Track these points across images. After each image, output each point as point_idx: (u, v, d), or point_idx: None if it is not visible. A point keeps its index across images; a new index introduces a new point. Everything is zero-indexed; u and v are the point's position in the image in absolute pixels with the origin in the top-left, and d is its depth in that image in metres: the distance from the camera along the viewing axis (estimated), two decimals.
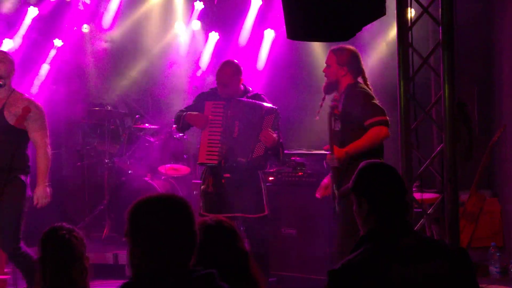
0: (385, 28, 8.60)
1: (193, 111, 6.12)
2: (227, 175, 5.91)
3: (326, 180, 5.65)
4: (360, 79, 5.46)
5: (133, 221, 2.56)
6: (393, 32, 8.60)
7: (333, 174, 5.30)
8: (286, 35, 4.04)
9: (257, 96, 6.08)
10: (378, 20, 4.13)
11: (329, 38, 4.29)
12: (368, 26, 4.17)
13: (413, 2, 4.65)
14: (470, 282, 2.99)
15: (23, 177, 5.73)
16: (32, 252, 5.53)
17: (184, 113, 6.12)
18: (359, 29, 4.03)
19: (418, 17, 4.66)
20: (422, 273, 2.86)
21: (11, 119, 5.68)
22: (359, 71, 5.47)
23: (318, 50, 9.00)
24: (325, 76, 5.48)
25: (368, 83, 5.49)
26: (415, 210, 4.89)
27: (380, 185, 3.09)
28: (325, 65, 5.48)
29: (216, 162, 5.94)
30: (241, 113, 5.94)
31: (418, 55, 4.65)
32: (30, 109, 5.73)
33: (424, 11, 4.66)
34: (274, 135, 5.86)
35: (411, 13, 4.64)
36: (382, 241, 2.96)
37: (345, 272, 2.90)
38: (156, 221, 2.51)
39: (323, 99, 5.56)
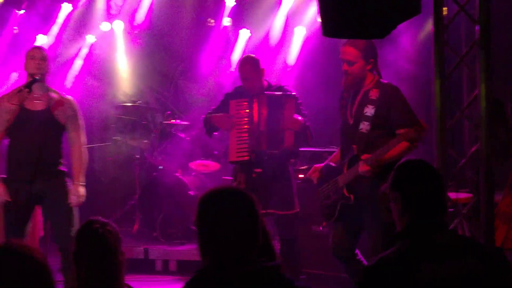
0: (416, 25, 8.54)
1: (221, 112, 6.18)
2: (259, 170, 5.94)
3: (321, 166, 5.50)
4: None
5: (201, 210, 2.57)
6: (423, 30, 8.57)
7: (348, 176, 5.09)
8: (321, 32, 4.03)
9: (280, 88, 6.12)
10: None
11: (364, 35, 4.27)
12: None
13: (449, 1, 4.62)
14: (507, 283, 2.96)
15: (63, 169, 5.83)
16: None
17: (210, 116, 6.20)
18: (394, 26, 4.00)
19: (454, 15, 4.62)
20: (456, 271, 2.85)
21: (58, 116, 5.76)
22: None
23: None
24: (347, 74, 5.11)
25: None
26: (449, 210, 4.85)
27: (415, 181, 3.10)
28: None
29: (247, 157, 5.98)
30: (265, 106, 5.99)
31: (453, 54, 4.61)
32: (63, 103, 5.82)
33: (460, 9, 4.61)
34: (300, 118, 5.88)
35: (447, 11, 4.59)
36: (416, 238, 2.96)
37: (379, 269, 2.90)
38: (223, 210, 2.53)
39: (344, 97, 5.29)
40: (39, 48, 6.04)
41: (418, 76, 8.00)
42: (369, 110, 5.01)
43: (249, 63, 6.14)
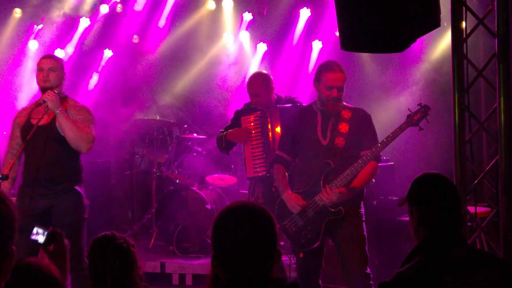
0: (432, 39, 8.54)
1: None
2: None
3: None
4: None
5: (216, 231, 2.48)
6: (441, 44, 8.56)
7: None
8: (340, 46, 4.04)
9: (290, 100, 6.14)
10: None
11: (383, 49, 4.28)
12: None
13: (468, 14, 4.60)
14: None
15: (78, 188, 5.46)
16: None
17: (224, 133, 6.23)
18: (413, 40, 4.01)
19: (473, 29, 4.61)
20: (475, 284, 2.84)
21: (59, 128, 5.36)
22: None
23: (366, 60, 8.99)
24: (337, 99, 5.14)
25: None
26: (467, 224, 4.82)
27: (432, 194, 3.10)
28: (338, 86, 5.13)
29: (265, 172, 5.99)
30: (277, 119, 6.00)
31: (472, 67, 4.60)
32: (67, 108, 5.43)
33: (479, 22, 4.61)
34: None
35: (466, 24, 4.58)
36: (434, 252, 2.94)
37: (397, 284, 2.88)
38: (239, 230, 2.43)
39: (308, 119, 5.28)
40: (49, 57, 5.64)
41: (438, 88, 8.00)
42: (343, 127, 5.13)
43: (259, 80, 6.17)
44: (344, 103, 5.25)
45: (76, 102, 5.66)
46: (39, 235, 3.10)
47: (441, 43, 8.52)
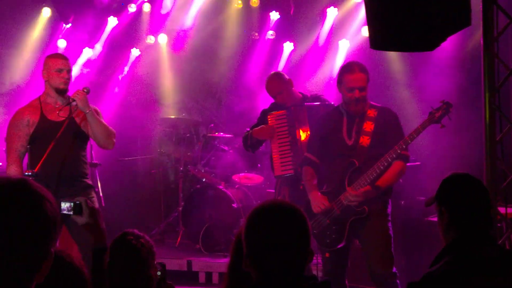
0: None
1: None
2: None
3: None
4: None
5: (250, 230, 2.47)
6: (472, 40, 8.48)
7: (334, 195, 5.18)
8: (369, 45, 4.02)
9: (317, 98, 6.14)
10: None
11: (413, 48, 4.25)
12: None
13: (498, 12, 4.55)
14: None
15: (90, 182, 5.60)
16: None
17: (251, 131, 6.26)
18: (443, 39, 3.98)
19: (504, 27, 4.56)
20: (504, 285, 2.81)
21: (81, 123, 5.44)
22: None
23: (394, 59, 8.93)
24: (360, 100, 5.16)
25: None
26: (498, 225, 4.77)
27: (462, 195, 3.07)
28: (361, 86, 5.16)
29: (292, 171, 5.98)
30: (303, 118, 5.99)
31: (503, 66, 4.55)
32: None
33: (510, 21, 4.56)
34: None
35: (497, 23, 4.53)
36: (463, 253, 2.92)
37: (426, 285, 2.87)
38: (273, 228, 2.43)
39: (336, 120, 5.33)
40: (65, 58, 5.57)
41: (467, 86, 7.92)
42: (369, 126, 5.16)
43: (275, 78, 6.23)
44: (371, 102, 5.27)
45: None
46: (65, 210, 3.19)
47: (471, 42, 8.44)
